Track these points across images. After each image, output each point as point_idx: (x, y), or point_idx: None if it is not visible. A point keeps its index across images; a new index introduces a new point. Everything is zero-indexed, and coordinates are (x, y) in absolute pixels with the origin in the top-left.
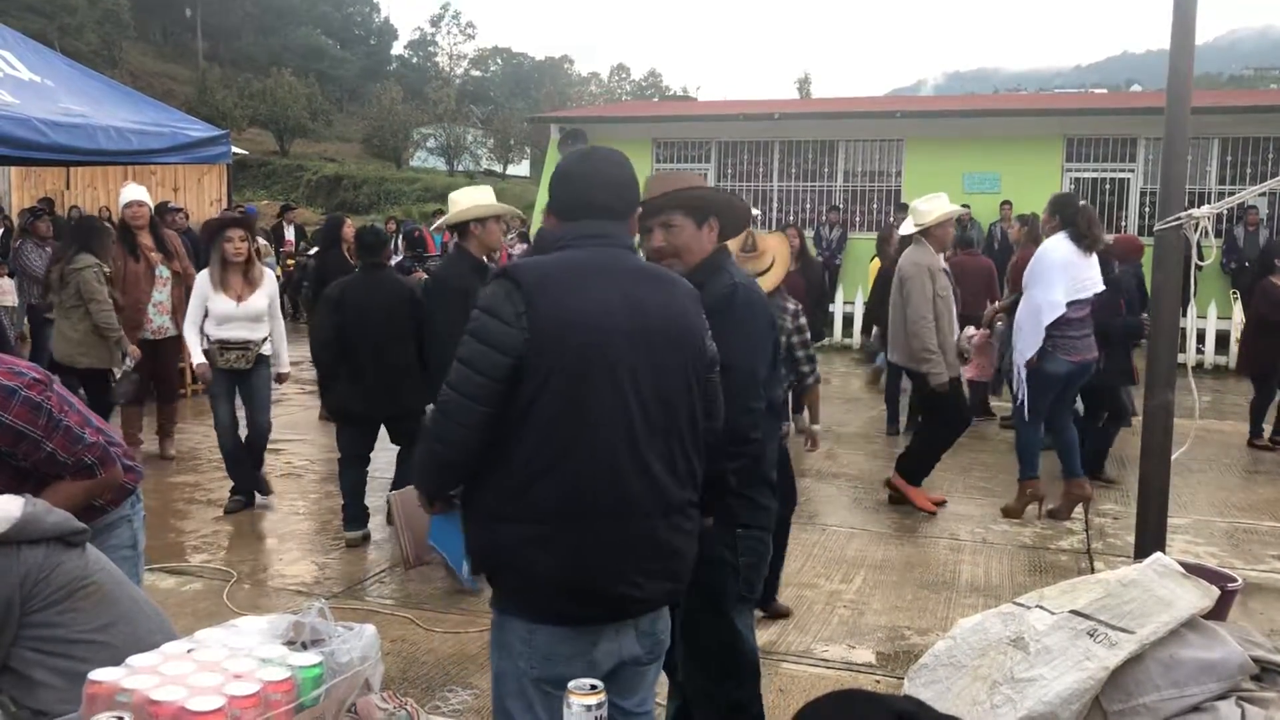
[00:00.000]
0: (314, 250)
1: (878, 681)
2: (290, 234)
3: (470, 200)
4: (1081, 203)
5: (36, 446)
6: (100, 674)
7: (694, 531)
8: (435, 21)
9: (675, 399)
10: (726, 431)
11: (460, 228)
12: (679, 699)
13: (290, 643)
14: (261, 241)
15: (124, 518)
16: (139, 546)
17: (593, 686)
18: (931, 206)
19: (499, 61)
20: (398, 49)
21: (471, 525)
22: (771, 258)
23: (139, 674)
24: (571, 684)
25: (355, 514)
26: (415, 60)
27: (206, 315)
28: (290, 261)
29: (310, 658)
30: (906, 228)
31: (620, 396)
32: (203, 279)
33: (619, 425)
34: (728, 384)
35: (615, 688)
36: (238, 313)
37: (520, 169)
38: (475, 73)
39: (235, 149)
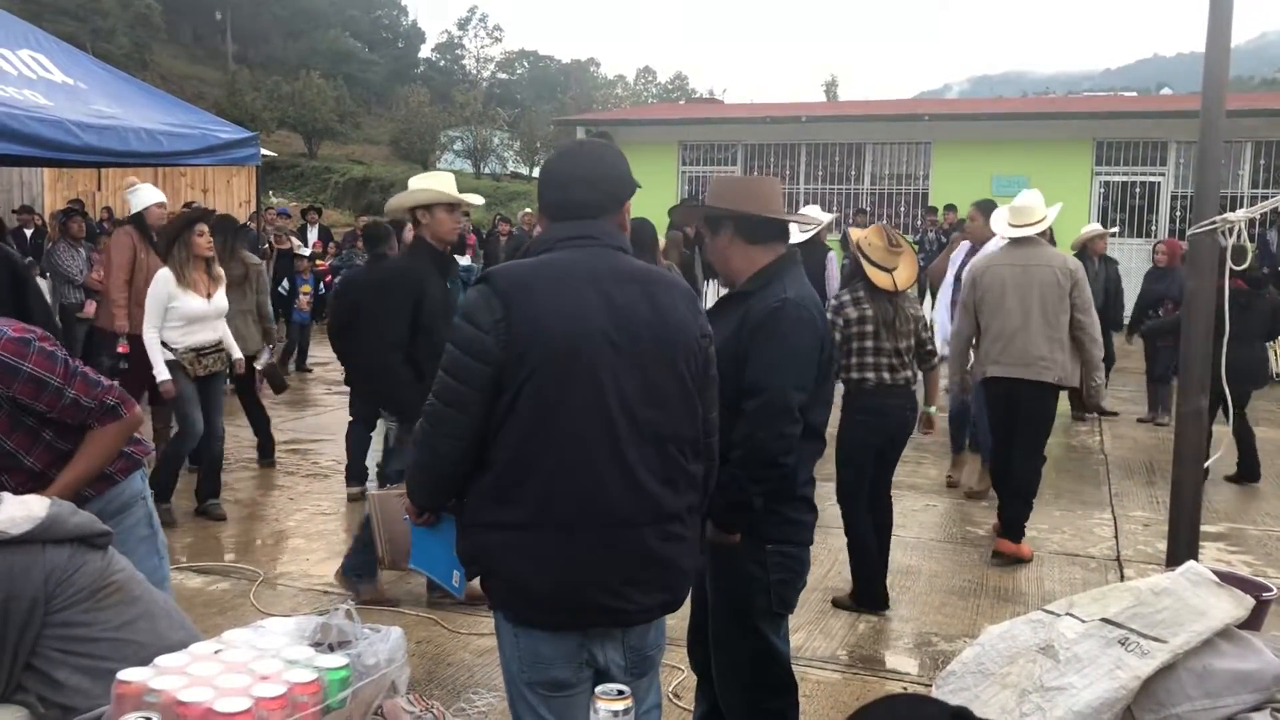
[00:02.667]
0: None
1: (905, 688)
2: (314, 235)
3: (420, 186)
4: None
5: (59, 394)
6: (128, 674)
7: (692, 539)
8: (462, 24)
9: (670, 403)
10: (756, 453)
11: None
12: (708, 702)
13: (317, 644)
14: (295, 240)
15: (137, 495)
16: (155, 523)
17: (620, 692)
18: (1039, 202)
19: (525, 64)
20: (425, 52)
21: (461, 532)
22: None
23: (167, 674)
24: (599, 689)
25: None
26: (442, 63)
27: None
28: (321, 263)
29: (337, 660)
30: (1004, 229)
31: (600, 401)
32: (164, 278)
33: (599, 430)
34: (759, 406)
35: None
36: (209, 310)
37: None
38: (502, 75)
39: (264, 151)
